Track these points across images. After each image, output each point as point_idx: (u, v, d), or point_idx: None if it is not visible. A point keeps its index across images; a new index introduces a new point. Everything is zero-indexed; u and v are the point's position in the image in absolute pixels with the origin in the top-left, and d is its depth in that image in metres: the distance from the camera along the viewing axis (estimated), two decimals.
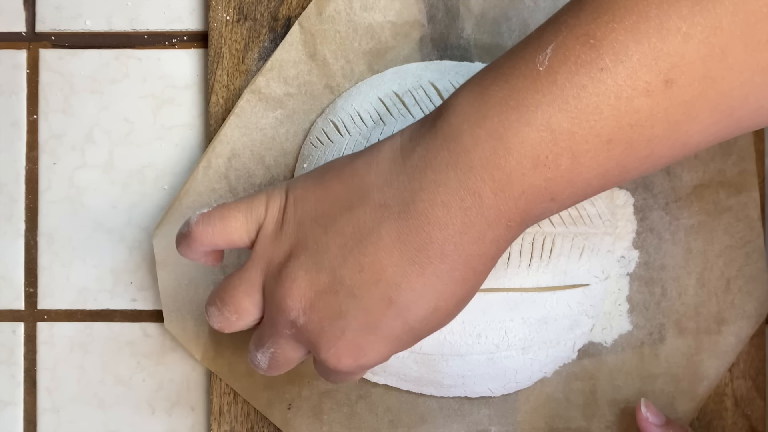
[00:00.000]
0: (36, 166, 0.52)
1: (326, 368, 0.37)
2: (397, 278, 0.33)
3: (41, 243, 0.52)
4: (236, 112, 0.49)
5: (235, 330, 0.38)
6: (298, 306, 0.35)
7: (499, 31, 0.49)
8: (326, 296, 0.34)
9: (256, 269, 0.36)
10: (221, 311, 0.37)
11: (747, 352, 0.49)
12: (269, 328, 0.37)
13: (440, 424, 0.49)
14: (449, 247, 0.33)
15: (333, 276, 0.34)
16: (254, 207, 0.37)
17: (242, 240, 0.37)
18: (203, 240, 0.37)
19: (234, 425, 0.50)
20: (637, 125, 0.31)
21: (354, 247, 0.34)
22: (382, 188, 0.34)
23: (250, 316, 0.37)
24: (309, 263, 0.34)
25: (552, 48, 0.31)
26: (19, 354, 0.52)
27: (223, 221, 0.37)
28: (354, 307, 0.34)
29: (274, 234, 0.36)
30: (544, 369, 0.47)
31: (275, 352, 0.37)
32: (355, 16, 0.49)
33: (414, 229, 0.33)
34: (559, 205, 0.33)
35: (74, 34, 0.52)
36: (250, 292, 0.37)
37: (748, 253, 0.48)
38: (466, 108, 0.32)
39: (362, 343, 0.34)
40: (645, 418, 0.46)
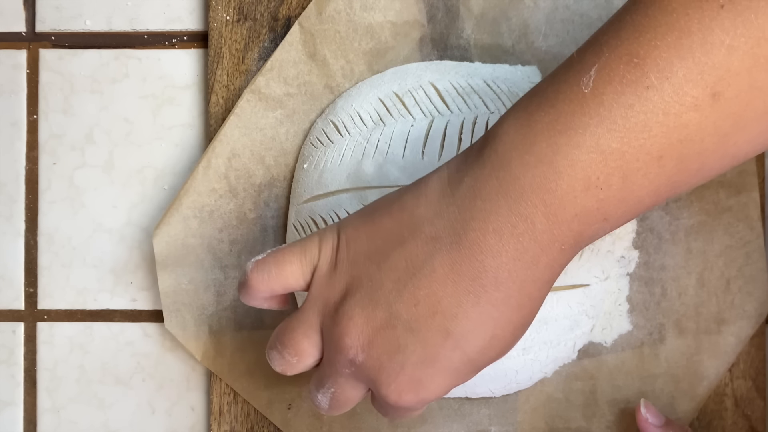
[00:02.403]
0: (36, 166, 0.52)
1: (387, 405, 0.36)
2: (453, 309, 0.33)
3: (41, 243, 0.52)
4: (236, 112, 0.49)
5: (297, 372, 0.38)
6: (356, 344, 0.35)
7: (499, 31, 0.49)
8: (384, 332, 0.34)
9: (313, 310, 0.36)
10: (282, 354, 0.37)
11: (747, 352, 0.49)
12: (329, 368, 0.37)
13: (440, 424, 0.49)
14: (503, 274, 0.33)
15: (389, 311, 0.34)
16: (308, 250, 0.37)
17: (298, 283, 0.37)
18: (260, 287, 0.37)
19: (234, 425, 0.50)
20: (686, 140, 0.31)
21: (408, 281, 0.34)
22: (432, 221, 0.34)
23: (310, 357, 0.37)
24: (365, 300, 0.35)
25: (596, 69, 0.31)
26: (19, 354, 0.52)
27: (278, 267, 0.37)
28: (412, 341, 0.34)
29: (329, 274, 0.36)
30: (544, 369, 0.47)
31: (336, 392, 0.37)
32: (355, 16, 0.49)
33: (467, 259, 0.33)
34: (612, 225, 0.33)
35: (74, 34, 0.52)
36: (309, 333, 0.37)
37: (748, 253, 0.48)
38: (513, 135, 0.33)
39: (422, 377, 0.34)
40: (645, 418, 0.46)
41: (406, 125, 0.46)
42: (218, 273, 0.49)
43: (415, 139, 0.45)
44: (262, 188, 0.49)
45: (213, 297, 0.49)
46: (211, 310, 0.49)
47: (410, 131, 0.45)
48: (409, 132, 0.45)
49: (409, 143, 0.45)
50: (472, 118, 0.45)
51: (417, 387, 0.35)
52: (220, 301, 0.49)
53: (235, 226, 0.49)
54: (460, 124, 0.45)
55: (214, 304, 0.49)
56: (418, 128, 0.45)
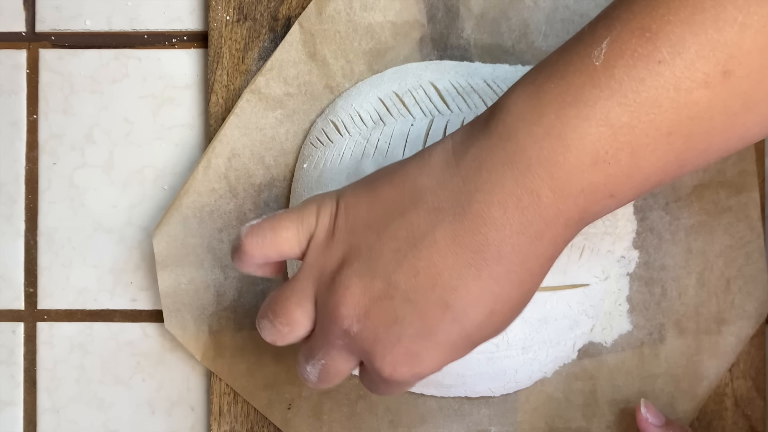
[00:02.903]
0: (36, 166, 0.52)
1: (379, 378, 0.35)
2: (453, 282, 0.32)
3: (41, 243, 0.52)
4: (236, 112, 0.49)
5: (288, 342, 0.37)
6: (352, 313, 0.34)
7: (499, 31, 0.49)
8: (381, 302, 0.33)
9: (308, 279, 0.36)
10: (273, 323, 0.36)
11: (747, 352, 0.49)
12: (321, 338, 0.36)
13: (440, 424, 0.49)
14: (506, 248, 0.32)
15: (388, 281, 0.33)
16: (305, 216, 0.36)
17: (293, 250, 0.36)
18: (254, 252, 0.36)
19: (234, 425, 0.50)
20: (696, 117, 0.31)
21: (408, 252, 0.33)
22: (435, 191, 0.33)
23: (302, 327, 0.36)
24: (363, 270, 0.34)
25: (607, 42, 0.31)
26: (19, 354, 0.52)
27: (273, 232, 0.36)
28: (410, 313, 0.33)
29: (326, 242, 0.35)
30: (544, 369, 0.47)
31: (327, 364, 0.36)
32: (355, 16, 0.49)
33: (470, 231, 0.32)
34: (618, 202, 0.32)
35: (74, 34, 0.52)
36: (302, 302, 0.36)
37: (748, 253, 0.48)
38: (521, 106, 0.32)
39: (418, 350, 0.34)
40: (645, 418, 0.46)
41: (406, 125, 0.46)
42: (218, 273, 0.49)
43: (415, 138, 0.45)
44: (262, 188, 0.49)
45: (213, 297, 0.49)
46: (211, 310, 0.49)
47: (410, 131, 0.45)
48: (409, 131, 0.45)
49: (409, 143, 0.45)
50: (472, 118, 0.45)
51: (412, 360, 0.34)
52: (220, 301, 0.49)
53: (235, 226, 0.49)
54: (461, 124, 0.45)
55: (214, 304, 0.49)
56: (418, 128, 0.45)
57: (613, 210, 0.33)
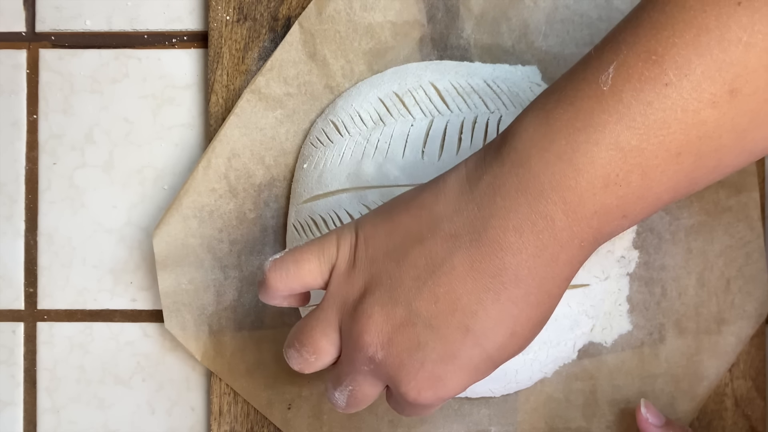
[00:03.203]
0: (36, 166, 0.52)
1: (405, 402, 0.36)
2: (473, 306, 0.33)
3: (41, 243, 0.52)
4: (236, 112, 0.49)
5: (315, 370, 0.38)
6: (375, 341, 0.35)
7: (499, 31, 0.49)
8: (403, 329, 0.34)
9: (331, 309, 0.36)
10: (300, 353, 0.37)
11: (747, 352, 0.49)
12: (347, 366, 0.37)
13: (440, 424, 0.49)
14: (523, 271, 0.33)
15: (409, 309, 0.34)
16: (326, 248, 0.37)
17: (316, 282, 0.37)
18: (278, 285, 0.37)
19: (234, 425, 0.50)
20: (705, 137, 0.31)
21: (428, 279, 0.34)
22: (451, 218, 0.34)
23: (328, 355, 0.37)
24: (384, 298, 0.35)
25: (614, 67, 0.32)
26: (19, 354, 0.52)
27: (296, 265, 0.37)
28: (432, 339, 0.34)
29: (348, 272, 0.36)
30: (544, 369, 0.47)
31: (354, 390, 0.37)
32: (355, 16, 0.49)
33: (487, 257, 0.33)
34: (631, 221, 0.33)
35: (74, 34, 0.52)
36: (327, 332, 0.37)
37: (748, 253, 0.48)
38: (532, 133, 0.33)
39: (441, 374, 0.34)
40: (645, 418, 0.46)
41: (406, 125, 0.46)
42: (218, 273, 0.49)
43: (415, 138, 0.45)
44: (262, 188, 0.49)
45: (213, 297, 0.49)
46: (211, 310, 0.49)
47: (410, 131, 0.45)
48: (409, 132, 0.45)
49: (409, 143, 0.45)
50: (472, 118, 0.45)
51: (436, 384, 0.35)
52: (220, 301, 0.49)
53: (235, 226, 0.49)
54: (460, 124, 0.45)
55: (214, 304, 0.49)
56: (418, 128, 0.45)
57: (627, 228, 0.34)
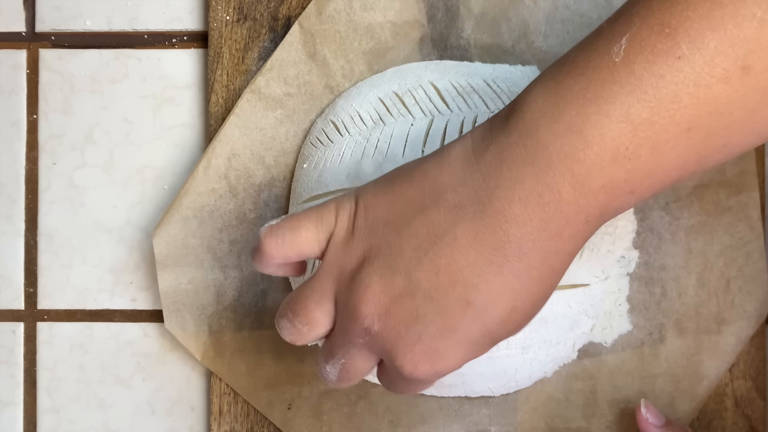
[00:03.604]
0: (36, 166, 0.52)
1: (400, 376, 0.35)
2: (474, 279, 0.32)
3: (41, 243, 0.52)
4: (236, 112, 0.49)
5: (307, 342, 0.37)
6: (372, 312, 0.34)
7: (499, 31, 0.49)
8: (402, 300, 0.33)
9: (327, 278, 0.35)
10: (292, 323, 0.36)
11: (747, 352, 0.49)
12: (341, 338, 0.36)
13: (440, 424, 0.49)
14: (527, 244, 0.32)
15: (408, 279, 0.33)
16: (324, 216, 0.36)
17: (313, 250, 0.36)
18: (273, 252, 0.36)
19: (234, 425, 0.50)
20: (715, 113, 0.31)
21: (429, 249, 0.33)
22: (455, 188, 0.33)
23: (321, 326, 0.36)
24: (383, 268, 0.34)
25: (626, 39, 0.31)
26: (19, 354, 0.52)
27: (293, 232, 0.36)
28: (431, 311, 0.33)
29: (346, 241, 0.35)
30: (544, 369, 0.47)
31: (346, 363, 0.36)
32: (355, 16, 0.49)
33: (490, 228, 0.32)
34: (638, 198, 0.33)
35: (74, 34, 0.52)
36: (322, 302, 0.36)
37: (748, 253, 0.48)
38: (541, 103, 0.32)
39: (439, 348, 0.34)
40: (645, 418, 0.46)
41: (406, 125, 0.46)
42: (218, 273, 0.49)
43: (415, 138, 0.45)
44: (262, 188, 0.49)
45: (213, 297, 0.49)
46: (211, 310, 0.49)
47: (410, 131, 0.45)
48: (409, 131, 0.45)
49: (409, 143, 0.45)
50: (472, 118, 0.45)
51: (433, 358, 0.34)
52: (220, 301, 0.49)
53: (235, 226, 0.49)
54: (460, 124, 0.45)
55: (214, 304, 0.49)
56: (418, 128, 0.45)
57: (633, 206, 0.33)
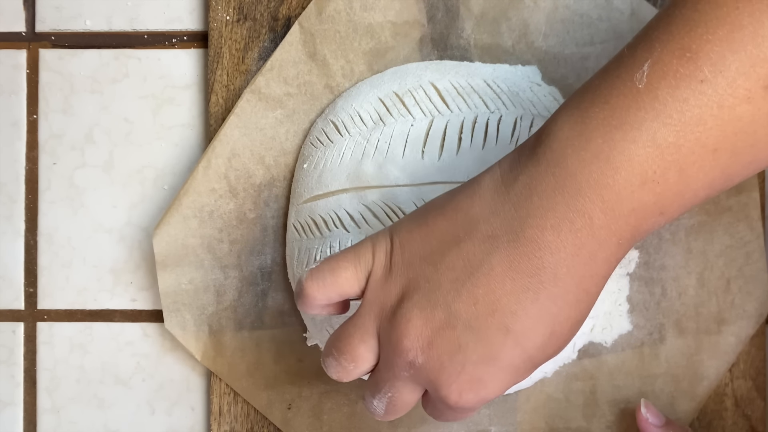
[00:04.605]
0: (36, 166, 0.52)
1: (446, 405, 0.36)
2: (512, 306, 0.33)
3: (41, 243, 0.52)
4: (236, 112, 0.49)
5: (353, 378, 0.38)
6: (415, 345, 0.35)
7: (499, 31, 0.49)
8: (443, 332, 0.34)
9: (369, 315, 0.36)
10: (338, 361, 0.37)
11: (747, 352, 0.49)
12: (386, 372, 0.36)
13: (440, 424, 0.49)
14: (562, 270, 0.33)
15: (448, 311, 0.34)
16: (361, 255, 0.37)
17: (353, 289, 0.37)
18: (316, 295, 0.37)
19: (234, 425, 0.50)
20: (740, 132, 0.31)
21: (466, 281, 0.34)
22: (488, 219, 0.34)
23: (366, 362, 0.37)
24: (423, 302, 0.34)
25: (648, 65, 0.32)
26: (19, 354, 0.52)
27: (333, 274, 0.37)
28: (472, 340, 0.34)
29: (384, 278, 0.36)
30: (544, 369, 0.47)
31: (393, 397, 0.37)
32: (355, 16, 0.49)
33: (525, 256, 0.33)
34: (668, 218, 0.33)
35: (74, 34, 0.52)
36: (365, 339, 0.36)
37: (748, 253, 0.48)
38: (568, 132, 0.33)
39: (482, 376, 0.34)
40: (645, 418, 0.46)
41: (406, 125, 0.46)
42: (218, 273, 0.49)
43: (415, 138, 0.45)
44: (262, 188, 0.49)
45: (213, 297, 0.49)
46: (211, 310, 0.49)
47: (410, 131, 0.45)
48: (409, 132, 0.45)
49: (409, 143, 0.45)
50: (472, 118, 0.45)
51: (477, 386, 0.34)
52: (220, 301, 0.49)
53: (235, 226, 0.49)
54: (460, 124, 0.45)
55: (214, 304, 0.49)
56: (418, 128, 0.45)
57: (663, 226, 0.35)
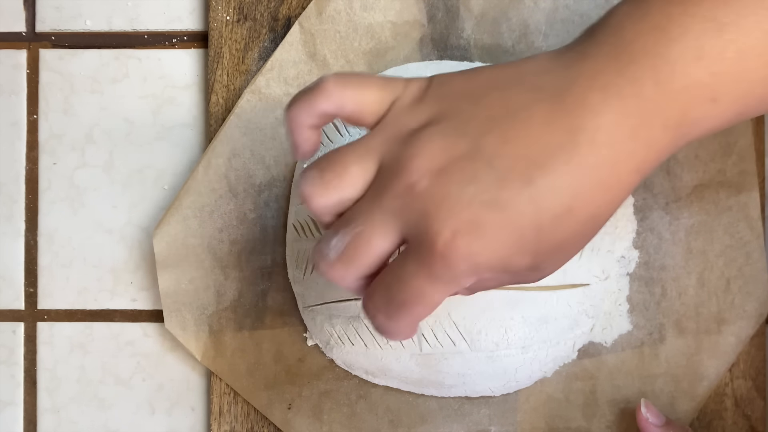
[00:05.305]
0: (36, 166, 0.52)
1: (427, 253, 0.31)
2: (542, 159, 0.31)
3: (41, 243, 0.52)
4: (236, 112, 0.49)
5: (326, 201, 0.33)
6: (425, 166, 0.31)
7: (499, 31, 0.49)
8: (461, 162, 0.31)
9: (378, 137, 0.33)
10: (321, 173, 0.33)
11: (747, 352, 0.49)
12: (369, 202, 0.32)
13: (440, 424, 0.49)
14: (601, 137, 0.31)
15: (474, 143, 0.31)
16: (391, 81, 0.34)
17: (372, 107, 0.33)
18: (332, 94, 0.33)
19: (234, 425, 0.50)
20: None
21: (502, 120, 0.31)
22: (537, 73, 0.33)
23: (350, 186, 0.32)
24: (448, 129, 0.32)
25: None
26: (19, 354, 0.52)
27: (360, 81, 0.33)
28: (489, 178, 0.31)
29: (411, 105, 0.33)
30: (544, 368, 0.47)
31: (362, 232, 0.32)
32: (355, 16, 0.49)
33: (567, 113, 0.31)
34: (720, 110, 0.32)
35: (74, 34, 0.52)
36: (364, 158, 0.32)
37: (748, 253, 0.48)
38: (626, 8, 0.32)
39: (485, 221, 0.30)
40: (645, 418, 0.46)
41: None
42: (218, 273, 0.49)
43: None
44: (262, 188, 0.49)
45: (213, 297, 0.49)
46: (211, 310, 0.49)
47: None
48: None
49: None
50: None
51: (475, 232, 0.30)
52: (220, 301, 0.49)
53: (235, 226, 0.49)
54: None
55: (214, 304, 0.49)
56: None
57: (713, 121, 0.32)
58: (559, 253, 0.32)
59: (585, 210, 0.31)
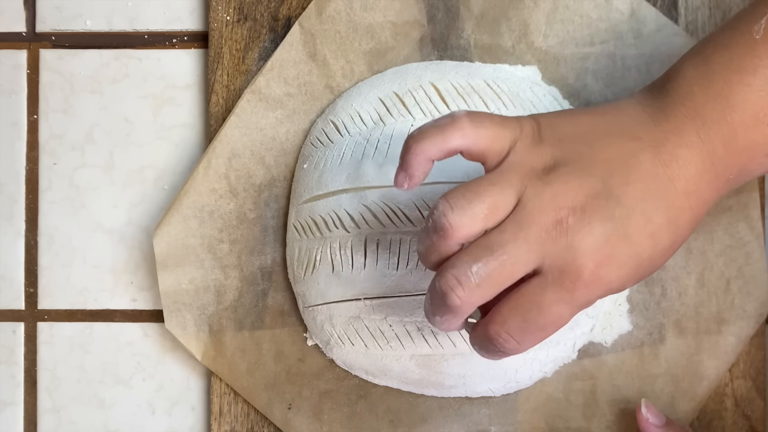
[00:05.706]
0: (36, 166, 0.52)
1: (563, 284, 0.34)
2: (657, 201, 0.36)
3: (41, 243, 0.52)
4: (236, 112, 0.49)
5: (468, 233, 0.35)
6: (569, 205, 0.35)
7: (499, 31, 0.49)
8: (597, 201, 0.36)
9: (514, 172, 0.36)
10: (470, 203, 0.35)
11: (747, 352, 0.49)
12: (512, 233, 0.35)
13: (440, 424, 0.49)
14: (690, 186, 0.37)
15: (604, 183, 0.36)
16: (508, 122, 0.37)
17: (499, 144, 0.36)
18: (468, 133, 0.36)
19: (234, 425, 0.50)
20: None
21: (618, 165, 0.37)
22: (633, 125, 0.38)
23: (496, 219, 0.35)
24: (577, 171, 0.36)
25: (766, 19, 0.37)
26: (19, 354, 0.52)
27: (492, 121, 0.37)
28: (620, 215, 0.36)
29: (534, 145, 0.37)
30: (544, 369, 0.47)
31: (505, 260, 0.34)
32: (355, 16, 0.49)
33: (665, 163, 0.37)
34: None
35: (74, 34, 0.52)
36: (508, 194, 0.35)
37: (748, 253, 0.48)
38: (692, 72, 0.38)
39: (617, 254, 0.35)
40: (645, 418, 0.46)
41: (406, 125, 0.46)
42: (218, 273, 0.49)
43: None
44: (262, 188, 0.49)
45: (213, 297, 0.49)
46: (211, 310, 0.49)
47: (410, 131, 0.45)
48: (410, 132, 0.45)
49: None
50: None
51: (610, 262, 0.35)
52: (220, 301, 0.49)
53: (235, 226, 0.49)
54: None
55: (214, 304, 0.49)
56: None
57: (762, 172, 0.39)
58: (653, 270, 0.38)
59: (679, 243, 0.38)
